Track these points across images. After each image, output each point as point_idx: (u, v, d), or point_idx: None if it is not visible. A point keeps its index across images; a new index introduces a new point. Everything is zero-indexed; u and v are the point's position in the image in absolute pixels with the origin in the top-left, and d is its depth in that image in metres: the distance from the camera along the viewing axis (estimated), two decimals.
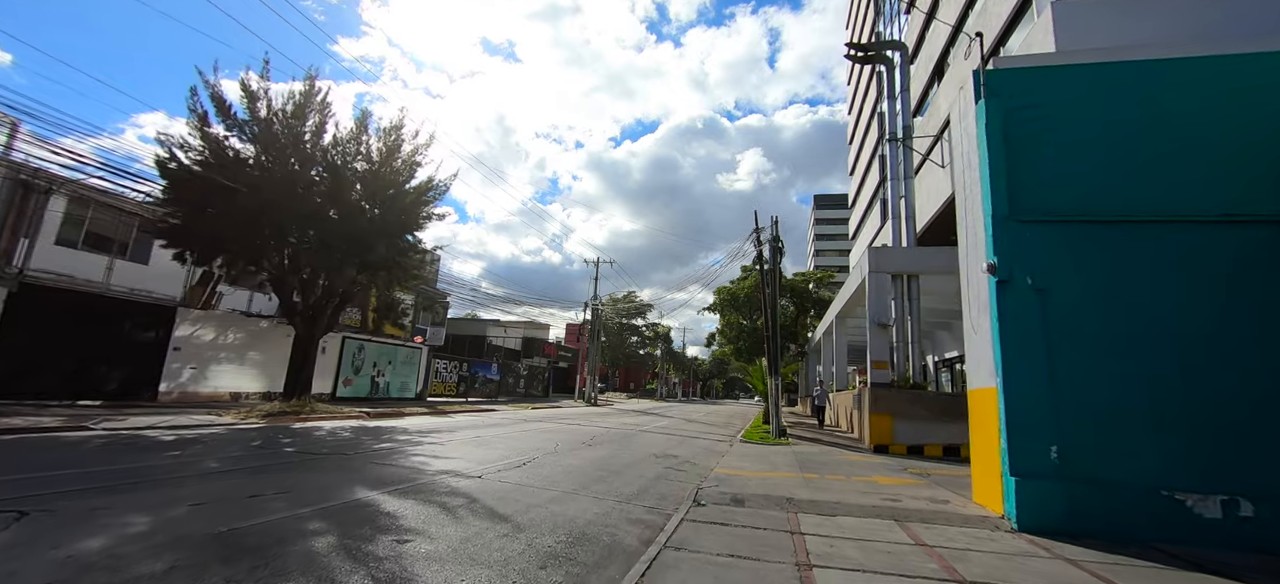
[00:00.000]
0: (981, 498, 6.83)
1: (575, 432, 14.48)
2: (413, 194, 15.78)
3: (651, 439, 13.89)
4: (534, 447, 10.61)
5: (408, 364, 22.62)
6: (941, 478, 9.08)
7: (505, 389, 31.94)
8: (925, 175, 16.55)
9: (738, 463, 10.21)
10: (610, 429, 16.00)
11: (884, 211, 33.77)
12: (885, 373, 14.12)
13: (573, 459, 9.30)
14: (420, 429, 12.83)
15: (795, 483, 7.93)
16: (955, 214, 16.66)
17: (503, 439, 11.61)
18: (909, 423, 13.45)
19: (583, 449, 10.78)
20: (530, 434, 13.07)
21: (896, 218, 15.39)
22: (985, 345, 6.69)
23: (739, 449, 12.85)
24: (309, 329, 14.58)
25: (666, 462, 9.92)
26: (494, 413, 20.28)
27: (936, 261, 14.46)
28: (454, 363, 26.34)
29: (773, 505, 6.26)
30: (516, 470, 7.78)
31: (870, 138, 39.75)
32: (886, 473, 9.48)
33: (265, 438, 9.81)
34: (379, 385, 21.08)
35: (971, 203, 7.20)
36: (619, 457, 10.08)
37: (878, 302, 14.38)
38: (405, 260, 15.62)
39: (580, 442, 12.00)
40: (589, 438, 13.00)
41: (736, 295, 41.21)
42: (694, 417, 26.32)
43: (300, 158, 13.88)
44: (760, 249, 19.03)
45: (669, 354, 76.54)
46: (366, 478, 6.61)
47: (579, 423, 17.55)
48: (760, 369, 21.30)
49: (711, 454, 11.59)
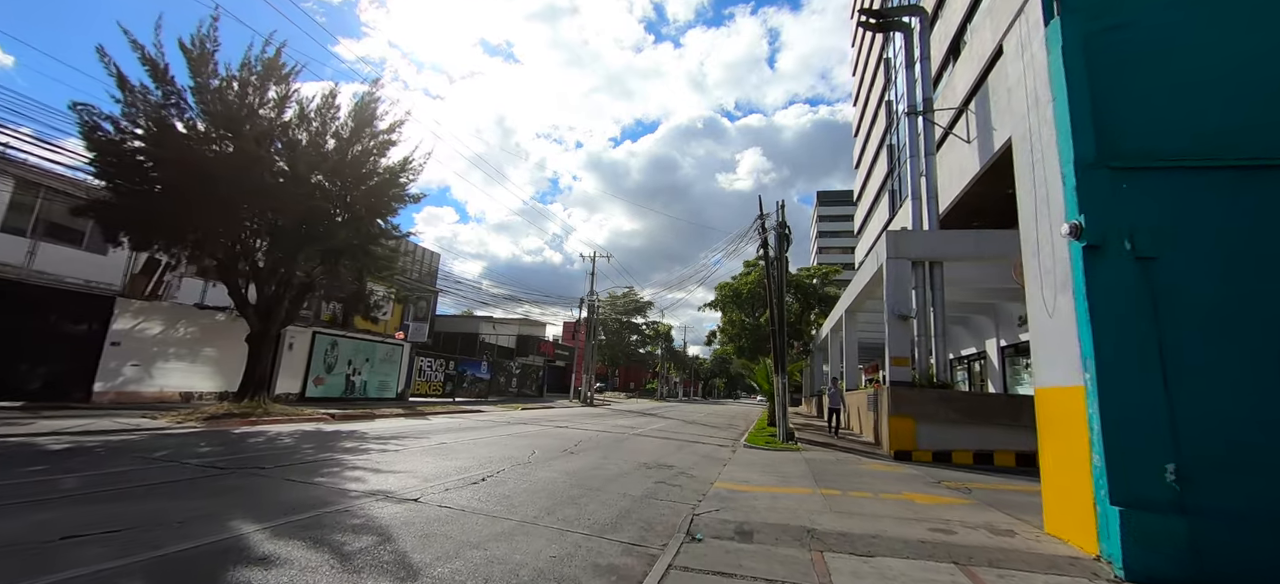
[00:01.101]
0: (1059, 528, 5.33)
1: (559, 436, 12.99)
2: (384, 175, 14.32)
3: (644, 445, 12.39)
4: (504, 455, 9.12)
5: (388, 362, 21.16)
6: (988, 495, 7.57)
7: (496, 389, 30.48)
8: (947, 153, 15.04)
9: (742, 474, 8.72)
10: (600, 432, 14.51)
11: (892, 203, 32.28)
12: (905, 370, 12.62)
13: (545, 472, 7.81)
14: (382, 434, 11.36)
15: (814, 504, 6.43)
16: (980, 196, 15.02)
17: (471, 446, 10.12)
18: (934, 426, 11.95)
19: (561, 458, 9.29)
20: (506, 439, 11.59)
21: (916, 198, 13.88)
22: (1064, 332, 5.19)
23: (743, 456, 11.36)
24: (264, 323, 13.11)
25: (658, 474, 8.42)
26: (478, 414, 18.80)
27: (962, 246, 12.94)
28: (440, 361, 24.86)
29: (790, 540, 4.76)
30: (469, 489, 6.29)
31: (877, 128, 38.26)
32: (920, 488, 7.97)
33: (180, 446, 8.34)
34: (355, 385, 19.62)
35: (1043, 150, 5.69)
36: (602, 468, 8.58)
37: (897, 291, 12.87)
38: (374, 248, 14.14)
39: (562, 448, 10.52)
40: (573, 443, 11.51)
41: (739, 291, 39.65)
42: (694, 418, 24.83)
43: (257, 132, 12.41)
44: (765, 237, 17.53)
45: (670, 353, 75.04)
46: (265, 504, 5.12)
47: (566, 425, 16.07)
48: (764, 367, 19.79)
49: (711, 463, 10.10)
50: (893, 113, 34.38)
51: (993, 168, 13.25)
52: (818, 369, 39.63)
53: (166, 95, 11.31)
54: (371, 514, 4.93)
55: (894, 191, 32.91)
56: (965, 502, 7.04)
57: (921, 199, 13.72)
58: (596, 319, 64.81)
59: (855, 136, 49.12)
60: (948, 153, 14.94)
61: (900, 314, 12.67)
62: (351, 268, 14.12)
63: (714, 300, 40.77)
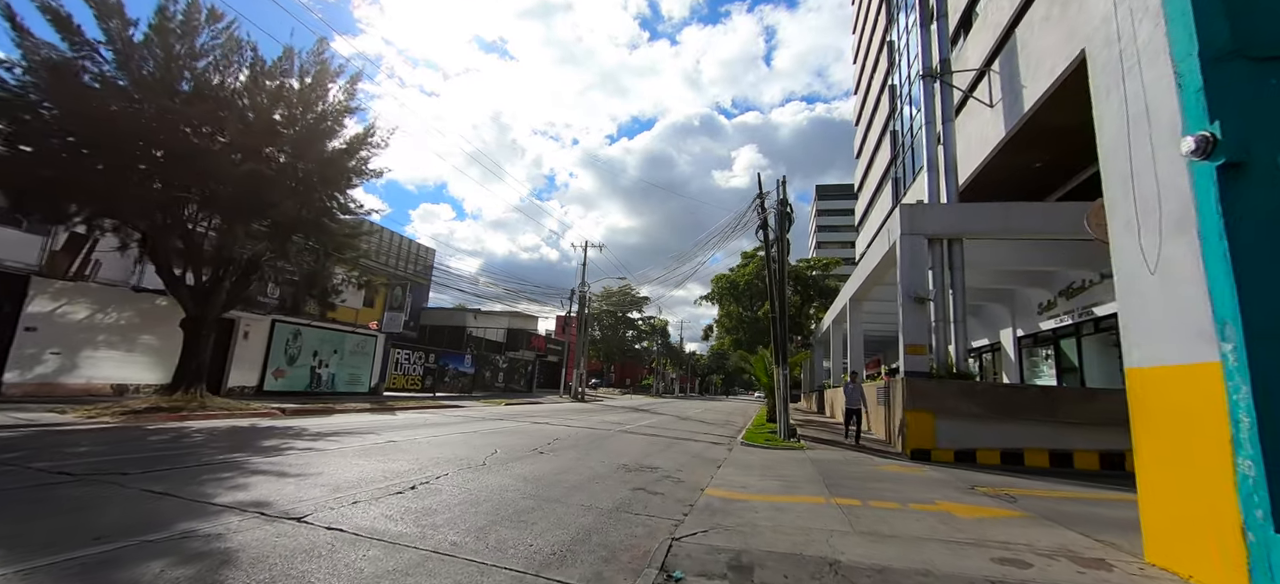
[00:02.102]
0: (1170, 557, 3.95)
1: (534, 433, 11.59)
2: (342, 145, 12.86)
3: (628, 443, 10.99)
4: (456, 456, 7.70)
5: (359, 354, 19.70)
6: (1039, 505, 6.19)
7: (481, 384, 29.04)
8: (964, 123, 13.66)
9: (738, 478, 7.34)
10: (582, 429, 13.10)
11: (896, 191, 30.91)
12: (922, 359, 11.24)
13: (498, 477, 6.40)
14: (324, 430, 9.94)
15: (830, 519, 5.05)
16: (1003, 169, 13.52)
17: (423, 445, 8.70)
18: (956, 422, 10.59)
19: (526, 459, 7.88)
20: (469, 437, 10.17)
21: (933, 170, 12.48)
22: (1177, 290, 3.82)
23: (740, 455, 9.98)
24: (202, 307, 11.66)
25: (639, 478, 7.02)
26: (454, 409, 17.38)
27: (986, 220, 11.56)
28: (419, 354, 23.41)
29: (807, 579, 3.37)
30: (384, 501, 4.88)
31: (880, 114, 36.93)
32: (953, 495, 6.59)
33: (60, 446, 6.91)
34: (321, 377, 18.16)
35: (1139, 52, 4.28)
36: (572, 471, 7.18)
37: (913, 270, 11.48)
38: (328, 223, 12.68)
39: (531, 447, 9.10)
40: (547, 441, 10.10)
41: (736, 283, 38.28)
42: (688, 413, 23.46)
43: (198, 90, 10.93)
44: (765, 218, 16.12)
45: (666, 349, 73.69)
46: (77, 527, 3.73)
47: (547, 422, 14.66)
48: (763, 359, 18.41)
49: (703, 464, 8.71)
50: (896, 98, 33.03)
51: (1020, 135, 11.87)
52: (817, 364, 38.35)
53: (75, 47, 9.83)
54: (216, 543, 3.52)
55: (898, 179, 31.58)
56: (1017, 514, 5.66)
57: (938, 170, 12.34)
58: (588, 313, 63.49)
59: (856, 125, 47.78)
60: (965, 123, 13.57)
61: (917, 297, 11.29)
62: (303, 246, 12.66)
63: (710, 293, 39.39)
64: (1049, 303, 15.29)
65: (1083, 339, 14.16)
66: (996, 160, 13.29)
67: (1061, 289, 14.61)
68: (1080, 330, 14.15)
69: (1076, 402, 10.20)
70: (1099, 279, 13.04)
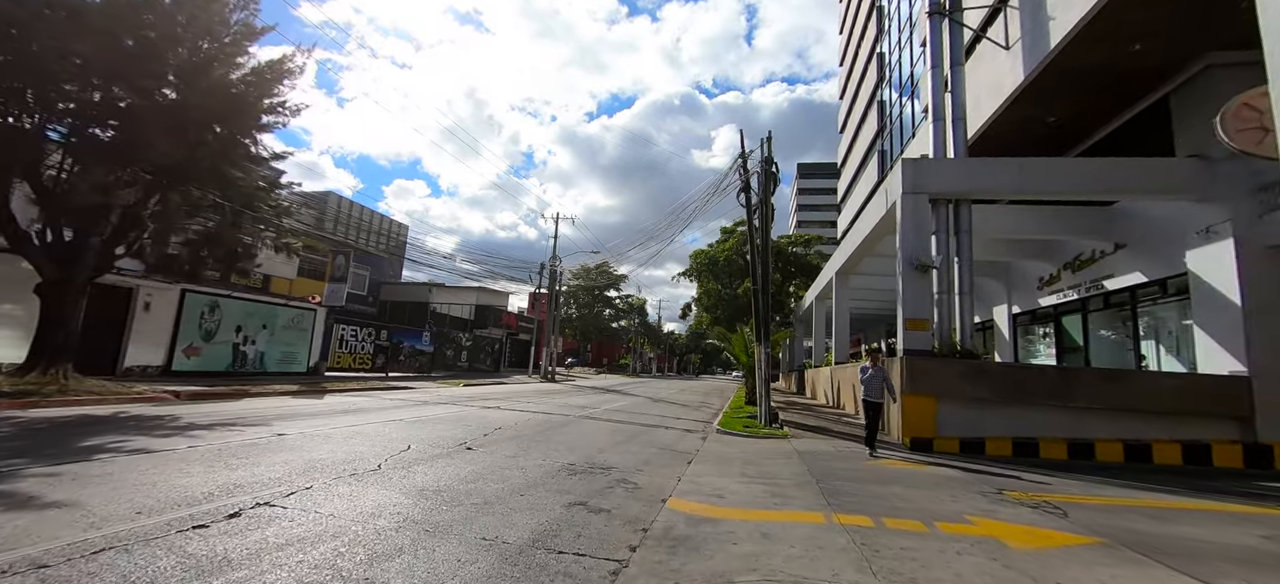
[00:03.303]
0: None
1: (474, 422, 9.89)
2: (248, 77, 10.69)
3: (586, 433, 9.38)
4: (346, 459, 5.96)
5: (294, 330, 17.57)
6: (1094, 519, 4.77)
7: (442, 363, 27.10)
8: (974, 70, 12.13)
9: (712, 481, 5.78)
10: (536, 416, 11.45)
11: (882, 165, 29.62)
12: (924, 336, 9.83)
13: (384, 493, 4.70)
14: (204, 422, 8.10)
15: (838, 555, 3.50)
16: (1015, 124, 12.04)
17: (311, 443, 6.93)
18: (960, 408, 9.25)
19: (440, 461, 6.18)
20: (385, 430, 8.42)
21: (939, 120, 10.94)
22: None
23: (714, 448, 8.45)
24: (65, 269, 9.54)
25: (582, 486, 5.40)
26: (399, 392, 15.54)
27: (1000, 176, 10.11)
28: (368, 330, 21.32)
29: None
30: (170, 542, 3.14)
31: (867, 84, 35.50)
32: (982, 506, 5.14)
33: None
34: (247, 356, 16.04)
35: None
36: (495, 477, 5.52)
37: (915, 234, 10.00)
38: (231, 171, 10.54)
39: (457, 443, 7.39)
40: (483, 433, 8.40)
41: (715, 259, 36.80)
42: (662, 394, 22.01)
43: None
44: (747, 179, 14.46)
45: (644, 328, 72.31)
46: None
47: (498, 406, 12.96)
48: (742, 336, 16.96)
49: (671, 460, 7.14)
50: (885, 65, 31.64)
51: (1038, 82, 10.39)
52: (797, 344, 37.34)
53: None
54: None
55: (884, 152, 30.34)
56: (1083, 539, 4.20)
57: (945, 120, 10.81)
58: (564, 290, 61.49)
59: (841, 99, 46.41)
60: (975, 70, 12.05)
61: (919, 264, 9.83)
62: (200, 201, 10.51)
63: (688, 269, 37.85)
64: (1052, 277, 14.09)
65: (1089, 316, 13.00)
66: (1005, 116, 11.84)
67: (1067, 261, 13.39)
68: (1087, 306, 12.97)
69: (1097, 384, 8.93)
70: (1113, 249, 11.80)
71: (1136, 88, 10.36)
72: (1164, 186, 9.52)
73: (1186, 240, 9.87)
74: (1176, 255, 10.13)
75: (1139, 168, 9.57)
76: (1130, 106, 10.83)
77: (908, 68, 26.38)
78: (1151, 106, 10.60)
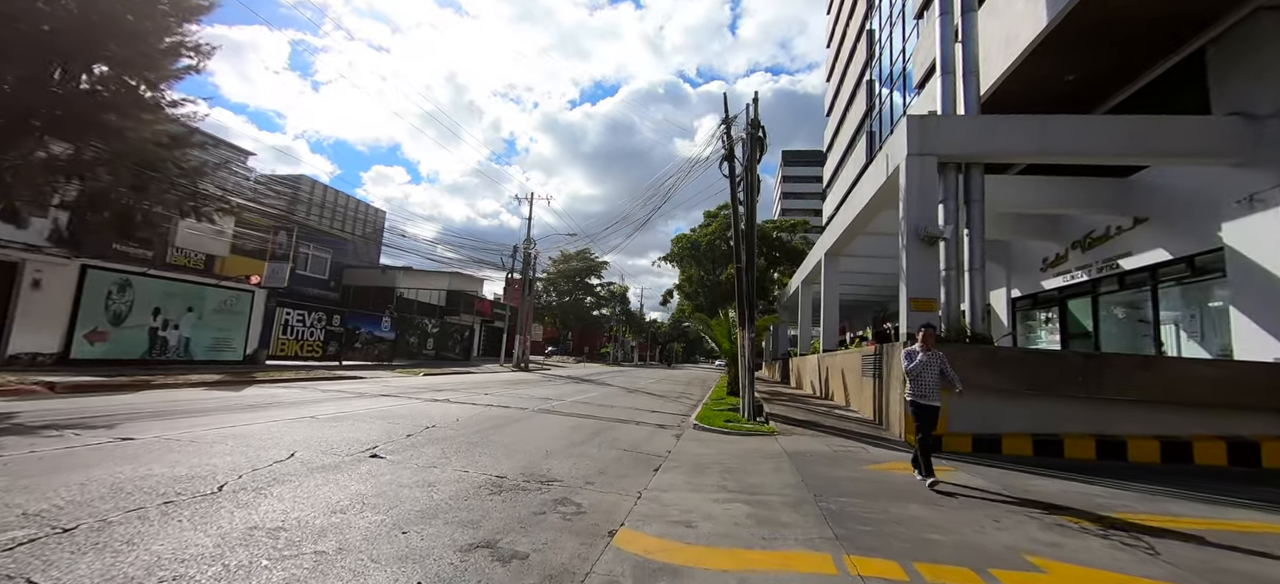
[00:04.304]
0: None
1: (408, 418, 8.38)
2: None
3: (539, 431, 7.95)
4: (173, 479, 4.44)
5: (227, 313, 15.72)
6: (1195, 560, 3.48)
7: (405, 350, 25.36)
8: (987, 19, 10.80)
9: (681, 498, 4.39)
10: (488, 410, 9.98)
11: (870, 147, 28.53)
12: (931, 317, 8.56)
13: (178, 541, 3.22)
14: (55, 422, 6.46)
15: None
16: (1029, 83, 10.85)
17: (155, 452, 5.37)
18: (974, 399, 7.99)
19: (316, 478, 4.69)
20: (282, 429, 6.88)
21: (948, 73, 9.62)
22: None
23: (690, 448, 7.09)
24: None
25: (500, 513, 4.00)
26: (344, 383, 13.91)
27: (1019, 138, 8.84)
28: (318, 315, 19.48)
29: None
30: None
31: (856, 62, 34.35)
32: (1039, 538, 3.82)
33: None
34: (167, 342, 14.19)
35: None
36: (378, 507, 4.08)
37: (921, 201, 8.71)
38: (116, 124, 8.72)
39: (362, 449, 5.88)
40: (405, 435, 6.90)
41: (697, 244, 35.45)
42: (639, 384, 20.65)
43: None
44: (731, 147, 13.04)
45: (625, 315, 70.88)
46: None
47: (448, 399, 11.45)
48: (725, 321, 15.64)
49: (633, 467, 5.75)
50: (874, 43, 30.50)
51: (1060, 31, 9.14)
52: (781, 331, 36.33)
53: None
54: None
55: (873, 134, 29.26)
56: None
57: (955, 73, 9.50)
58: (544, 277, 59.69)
59: (827, 81, 45.29)
60: (986, 21, 10.75)
61: (927, 235, 8.53)
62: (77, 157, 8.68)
63: (669, 254, 36.44)
64: (1057, 257, 13.00)
65: (1100, 298, 11.93)
66: (1019, 73, 10.60)
67: (1076, 239, 12.29)
68: (1098, 288, 11.90)
69: (1130, 372, 7.76)
70: (1131, 224, 10.69)
71: (1170, 37, 9.16)
72: (1204, 148, 8.35)
73: (1222, 211, 8.75)
74: (1209, 228, 9.02)
75: (1178, 127, 8.38)
76: (1160, 61, 9.64)
77: (899, 44, 25.21)
78: (1184, 61, 9.42)
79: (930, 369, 5.61)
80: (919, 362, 5.59)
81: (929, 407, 5.62)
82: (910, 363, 5.65)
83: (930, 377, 5.60)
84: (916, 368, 5.59)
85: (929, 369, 5.60)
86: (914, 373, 5.60)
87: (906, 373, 5.67)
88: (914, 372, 5.60)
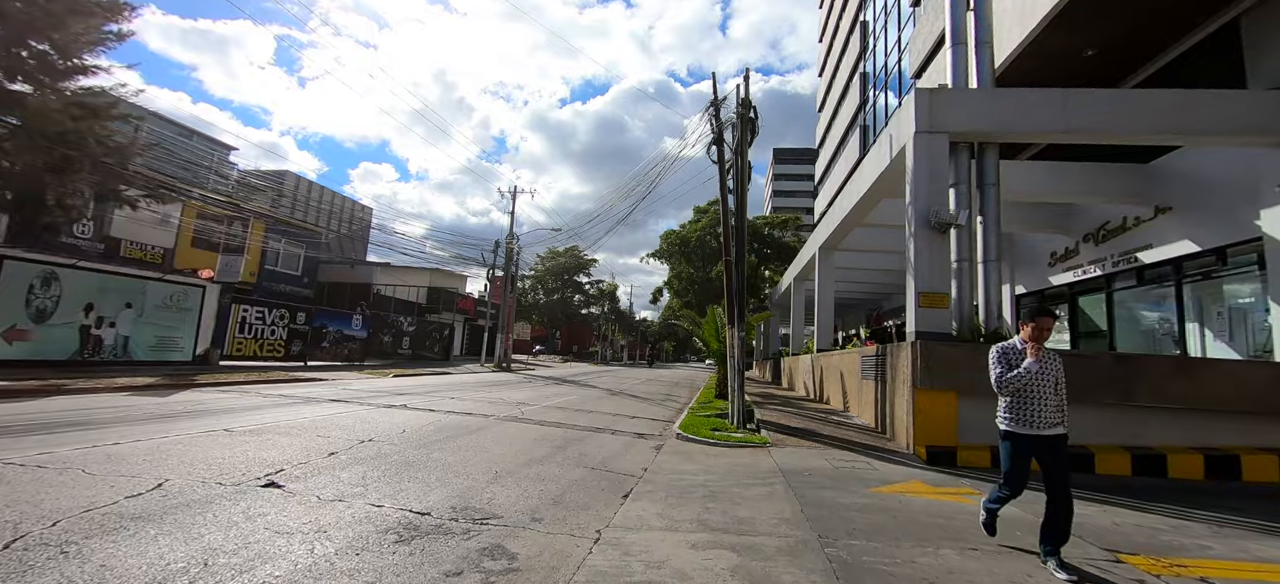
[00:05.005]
0: None
1: (344, 429, 7.28)
2: None
3: (492, 445, 6.90)
4: None
5: (173, 310, 14.43)
6: None
7: (379, 350, 24.10)
8: None
9: (648, 544, 3.35)
10: (444, 419, 8.91)
11: (864, 141, 27.79)
12: (943, 315, 7.64)
13: None
14: None
15: None
16: (1044, 58, 10.19)
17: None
18: (991, 407, 7.08)
19: (152, 528, 3.62)
20: (174, 447, 5.79)
21: (959, 43, 8.69)
22: None
23: (670, 463, 6.08)
24: None
25: (398, 580, 2.91)
26: (301, 386, 12.75)
27: (1040, 114, 7.91)
28: (280, 312, 18.20)
29: None
30: None
31: (848, 57, 33.60)
32: None
33: None
34: (102, 342, 12.90)
35: None
36: (223, 574, 2.98)
37: (930, 183, 7.76)
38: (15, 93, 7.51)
39: (261, 472, 4.81)
40: (327, 453, 5.82)
41: (686, 240, 34.51)
42: (624, 386, 19.62)
43: None
44: (720, 131, 12.05)
45: (615, 314, 69.77)
46: None
47: (404, 405, 10.36)
48: (712, 319, 14.68)
49: (598, 494, 4.72)
50: (868, 34, 29.77)
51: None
52: (773, 330, 35.52)
53: None
54: None
55: (867, 127, 28.53)
56: None
57: (967, 44, 8.58)
58: (533, 274, 58.35)
59: (820, 75, 44.58)
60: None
61: (937, 221, 7.59)
62: None
63: (658, 250, 35.47)
64: (1068, 251, 12.17)
65: (1115, 295, 11.10)
66: (1034, 47, 9.71)
67: (1089, 231, 11.46)
68: (1113, 283, 11.07)
69: (1170, 375, 6.88)
70: (1152, 214, 9.85)
71: (1198, 6, 8.30)
72: (1245, 126, 7.48)
73: (1261, 197, 7.91)
74: (1244, 217, 8.19)
75: (1215, 102, 7.50)
76: (1188, 32, 8.79)
77: (893, 35, 24.45)
78: (1215, 33, 8.57)
79: (1046, 381, 3.50)
80: (1027, 369, 3.48)
81: (1045, 438, 3.50)
82: (1006, 368, 3.58)
83: (1046, 391, 3.50)
84: (1022, 377, 3.48)
85: (1044, 381, 3.50)
86: (1017, 385, 3.51)
87: (1001, 384, 3.58)
88: (1017, 383, 3.51)
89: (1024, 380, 3.49)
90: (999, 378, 3.60)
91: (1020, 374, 3.49)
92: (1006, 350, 3.68)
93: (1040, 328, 3.56)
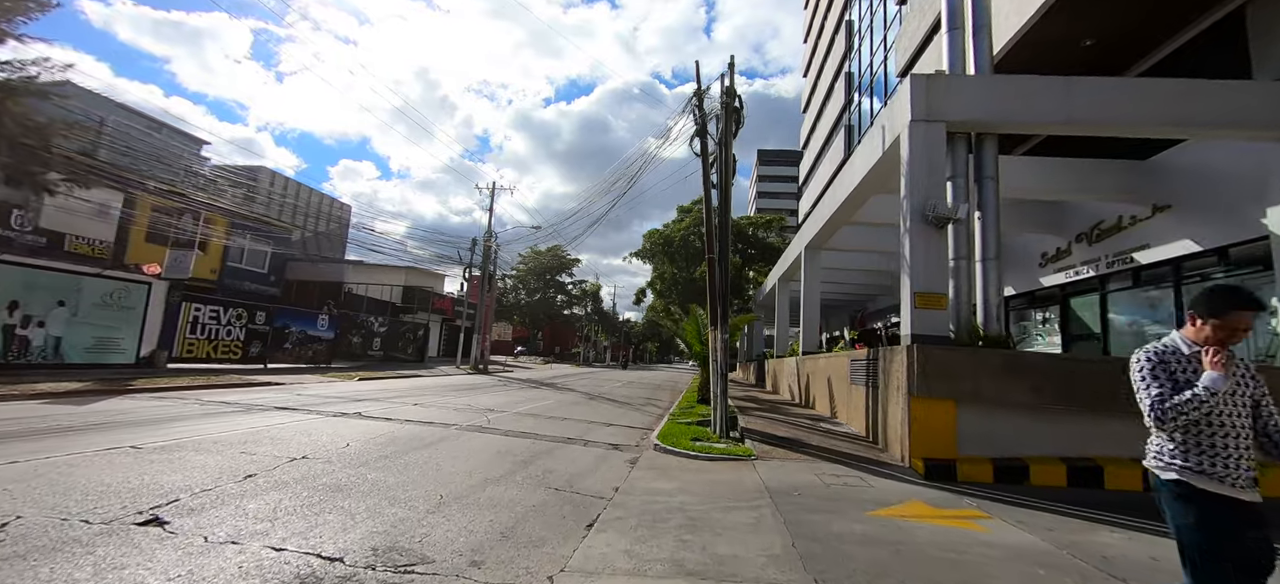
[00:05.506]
0: None
1: (281, 443, 6.47)
2: None
3: (446, 461, 6.16)
4: None
5: (113, 308, 13.31)
6: None
7: (347, 351, 23.01)
8: None
9: None
10: (401, 428, 8.12)
11: (849, 140, 27.53)
12: (940, 317, 7.11)
13: None
14: None
15: None
16: (1042, 46, 9.36)
17: None
18: (993, 417, 6.61)
19: None
20: (60, 471, 4.96)
21: (956, 28, 8.19)
22: None
23: (644, 481, 5.40)
24: None
25: None
26: (251, 391, 11.79)
27: (1039, 102, 7.42)
28: (237, 311, 17.08)
29: None
30: None
31: (833, 56, 33.39)
32: None
33: None
34: (29, 343, 11.78)
35: None
36: None
37: (928, 175, 7.23)
38: None
39: (144, 506, 4.02)
40: (243, 476, 5.04)
41: (670, 240, 33.93)
42: (603, 389, 18.90)
43: None
44: (703, 123, 11.45)
45: (598, 315, 68.92)
46: None
47: (359, 413, 9.53)
48: (694, 320, 14.06)
49: (557, 524, 4.01)
50: (853, 33, 29.57)
51: None
52: (757, 331, 35.12)
53: None
54: None
55: (852, 127, 28.30)
56: None
57: (964, 29, 8.08)
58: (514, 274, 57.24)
59: (804, 76, 44.45)
60: None
61: (935, 216, 7.05)
62: None
63: (641, 250, 34.84)
64: (1059, 251, 11.82)
65: (1109, 296, 10.74)
66: (1032, 36, 9.29)
67: (1082, 230, 11.11)
68: (1107, 284, 10.72)
69: None
70: (1150, 213, 9.49)
71: None
72: (1250, 118, 7.08)
73: (1268, 194, 7.55)
74: (1250, 215, 7.82)
75: (1223, 93, 7.09)
76: (1193, 22, 8.42)
77: (880, 33, 24.20)
78: (1218, 22, 8.21)
79: (1236, 404, 2.08)
80: (1212, 386, 1.98)
81: (1238, 506, 1.99)
82: (1169, 385, 2.12)
83: (1235, 425, 2.06)
84: (1201, 403, 1.98)
85: (1237, 408, 2.08)
86: (1195, 411, 2.00)
87: (1164, 415, 2.05)
88: (1195, 413, 2.01)
89: (1207, 407, 1.98)
90: (1158, 404, 2.07)
91: (1200, 397, 1.98)
92: (1164, 358, 2.19)
93: (1230, 327, 2.07)
